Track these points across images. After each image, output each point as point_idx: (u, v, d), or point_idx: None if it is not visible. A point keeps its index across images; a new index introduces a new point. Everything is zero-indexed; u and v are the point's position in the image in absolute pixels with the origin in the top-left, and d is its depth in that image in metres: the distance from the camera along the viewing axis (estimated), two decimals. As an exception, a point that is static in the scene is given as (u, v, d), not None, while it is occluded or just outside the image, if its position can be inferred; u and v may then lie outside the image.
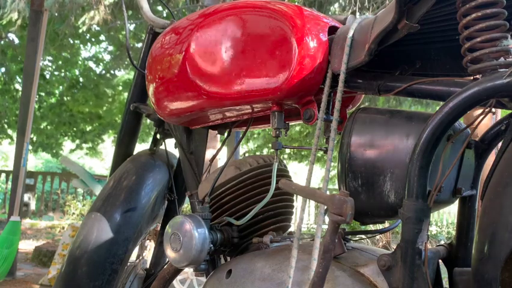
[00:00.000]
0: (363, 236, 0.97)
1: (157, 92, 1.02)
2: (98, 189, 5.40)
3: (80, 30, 6.77)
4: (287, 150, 10.40)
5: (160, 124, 1.42)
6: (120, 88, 9.74)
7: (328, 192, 0.68)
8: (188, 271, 3.29)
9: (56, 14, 6.87)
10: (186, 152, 1.18)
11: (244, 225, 0.94)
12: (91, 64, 10.32)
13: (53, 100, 10.67)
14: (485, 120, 0.68)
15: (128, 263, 1.34)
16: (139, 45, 7.55)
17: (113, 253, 1.25)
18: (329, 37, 0.85)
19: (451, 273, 0.79)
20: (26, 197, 8.22)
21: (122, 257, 1.27)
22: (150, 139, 1.46)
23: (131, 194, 1.27)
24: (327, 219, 0.59)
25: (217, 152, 1.18)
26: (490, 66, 0.65)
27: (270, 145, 1.77)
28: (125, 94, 9.22)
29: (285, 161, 1.13)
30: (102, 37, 9.42)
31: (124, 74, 9.44)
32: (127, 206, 1.30)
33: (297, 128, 8.61)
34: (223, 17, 0.91)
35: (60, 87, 10.44)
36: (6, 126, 10.45)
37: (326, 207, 0.59)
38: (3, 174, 9.97)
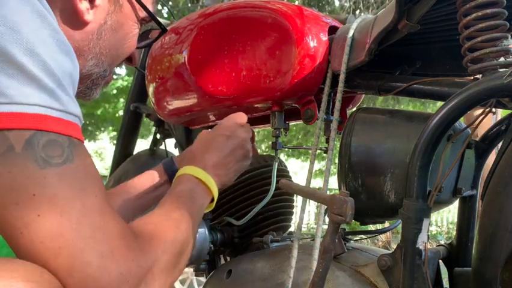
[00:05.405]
0: (363, 236, 0.97)
1: (157, 92, 1.02)
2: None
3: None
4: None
5: (160, 124, 1.42)
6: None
7: (328, 192, 0.68)
8: (189, 271, 3.29)
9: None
10: None
11: (244, 225, 0.94)
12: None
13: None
14: (486, 120, 0.68)
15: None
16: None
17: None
18: (329, 37, 0.85)
19: (451, 273, 0.79)
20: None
21: (122, 257, 1.26)
22: (150, 138, 1.46)
23: None
24: (327, 219, 0.59)
25: None
26: (490, 66, 0.65)
27: (269, 142, 1.77)
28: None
29: (283, 158, 1.13)
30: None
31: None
32: (127, 206, 1.29)
33: (295, 128, 8.58)
34: (223, 17, 0.91)
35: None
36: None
37: (326, 207, 0.59)
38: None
